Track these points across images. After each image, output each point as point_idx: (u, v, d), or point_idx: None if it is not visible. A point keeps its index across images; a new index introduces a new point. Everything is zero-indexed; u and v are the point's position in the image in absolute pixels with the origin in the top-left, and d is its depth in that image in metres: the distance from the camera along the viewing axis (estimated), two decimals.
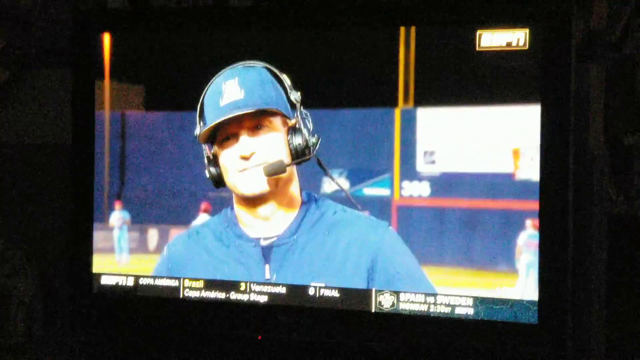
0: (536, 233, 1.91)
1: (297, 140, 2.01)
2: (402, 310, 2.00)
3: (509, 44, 1.94)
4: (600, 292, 2.13)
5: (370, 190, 2.04)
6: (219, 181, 2.06)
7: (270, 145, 2.00)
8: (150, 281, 2.20)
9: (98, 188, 2.25)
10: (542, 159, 1.91)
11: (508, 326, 1.93)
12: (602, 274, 2.13)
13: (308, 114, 2.03)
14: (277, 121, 2.01)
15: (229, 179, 2.04)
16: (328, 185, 2.06)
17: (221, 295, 2.13)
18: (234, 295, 2.12)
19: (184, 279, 2.16)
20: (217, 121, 1.99)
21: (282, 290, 2.08)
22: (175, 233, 2.21)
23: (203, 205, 2.17)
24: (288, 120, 2.02)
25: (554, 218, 1.91)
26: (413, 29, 2.00)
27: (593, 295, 2.11)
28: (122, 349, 2.35)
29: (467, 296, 1.96)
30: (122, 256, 2.25)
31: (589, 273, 2.11)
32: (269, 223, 2.04)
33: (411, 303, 2.00)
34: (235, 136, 2.01)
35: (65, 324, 2.53)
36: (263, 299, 2.10)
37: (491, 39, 1.95)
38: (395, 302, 2.01)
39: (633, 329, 2.15)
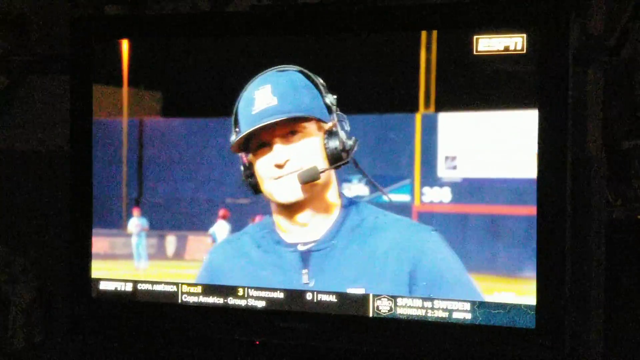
0: None
1: (334, 144, 1.98)
2: (400, 315, 2.00)
3: (506, 48, 1.94)
4: (598, 296, 2.12)
5: (391, 196, 2.03)
6: (256, 188, 2.04)
7: (305, 151, 1.98)
8: (148, 286, 2.20)
9: (116, 195, 2.25)
10: (539, 162, 1.91)
11: (506, 331, 1.93)
12: (600, 278, 2.13)
13: (345, 116, 2.00)
14: (311, 126, 1.98)
15: (265, 187, 2.02)
16: (355, 188, 2.05)
17: (219, 300, 2.13)
18: (231, 301, 2.12)
19: (181, 284, 2.16)
20: (248, 130, 1.97)
21: (280, 295, 2.08)
22: (194, 239, 2.22)
23: (221, 212, 2.16)
24: (324, 125, 1.99)
25: (551, 222, 1.90)
26: (435, 33, 1.98)
27: (591, 300, 2.11)
28: (121, 354, 2.35)
29: (464, 301, 1.96)
30: (140, 262, 2.26)
31: (587, 277, 2.10)
32: (307, 228, 2.02)
33: (409, 308, 1.99)
34: (268, 144, 1.99)
35: (64, 330, 2.53)
36: (261, 304, 2.10)
37: (488, 43, 1.95)
38: (392, 307, 2.01)
39: (631, 333, 2.15)
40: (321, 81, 2.00)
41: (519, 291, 1.93)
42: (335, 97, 2.00)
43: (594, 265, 2.11)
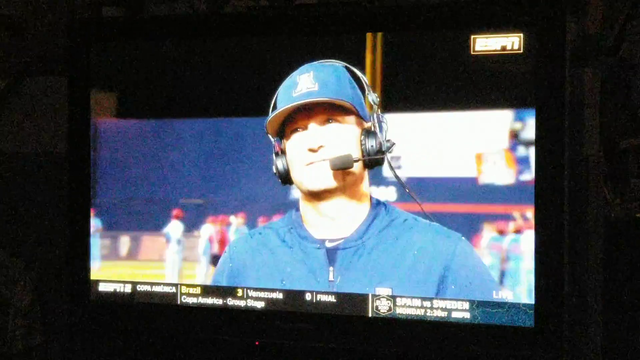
0: (498, 236, 1.94)
1: (371, 143, 1.96)
2: (399, 314, 2.01)
3: (503, 48, 1.94)
4: (596, 295, 2.13)
5: None
6: (285, 177, 2.02)
7: (340, 140, 1.96)
8: (147, 288, 2.20)
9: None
10: (537, 162, 1.91)
11: (505, 330, 1.94)
12: (599, 277, 2.13)
13: (385, 117, 1.99)
14: (350, 119, 1.97)
15: (295, 174, 2.00)
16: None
17: (218, 301, 2.13)
18: (230, 302, 2.12)
19: (181, 285, 2.16)
20: (284, 107, 1.96)
21: (279, 295, 2.08)
22: (147, 240, 2.22)
23: (174, 212, 2.19)
24: (364, 122, 1.98)
25: (549, 222, 1.91)
26: (380, 35, 2.01)
27: (589, 299, 2.11)
28: (120, 356, 2.35)
29: (463, 300, 1.96)
30: (94, 263, 2.26)
31: (586, 276, 2.11)
32: (334, 223, 2.01)
33: (408, 307, 2.00)
34: (304, 128, 1.98)
35: (63, 332, 2.53)
36: (260, 304, 2.10)
37: (485, 43, 1.95)
38: (392, 306, 2.01)
39: (629, 332, 2.15)
40: (365, 79, 1.99)
41: None
42: (377, 96, 1.99)
43: (592, 264, 2.12)
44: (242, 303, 2.11)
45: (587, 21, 2.20)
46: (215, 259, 2.16)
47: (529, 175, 1.93)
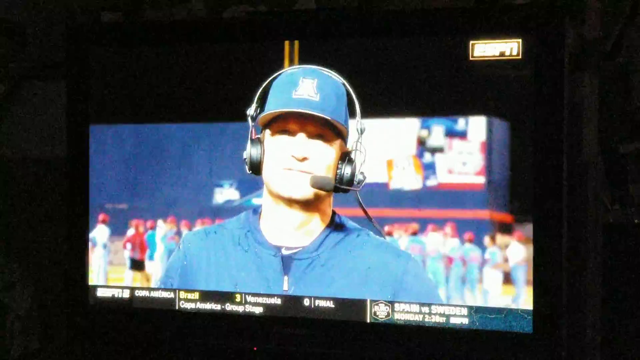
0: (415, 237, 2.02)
1: (347, 170, 1.96)
2: (397, 320, 2.00)
3: (502, 54, 1.95)
4: (595, 300, 2.13)
5: (258, 200, 2.08)
6: (256, 167, 1.99)
7: (323, 159, 1.96)
8: (146, 293, 2.20)
9: None
10: (536, 167, 1.91)
11: (503, 335, 1.94)
12: (597, 283, 2.13)
13: (366, 149, 1.98)
14: (337, 141, 1.97)
15: (268, 172, 1.98)
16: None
17: (217, 306, 2.13)
18: (229, 307, 2.12)
19: (179, 290, 2.16)
20: (286, 109, 1.93)
21: (278, 301, 2.08)
22: None
23: (101, 217, 2.22)
24: (345, 146, 1.98)
25: (548, 227, 1.91)
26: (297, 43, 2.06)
27: (588, 304, 2.11)
28: None
29: (461, 306, 1.96)
30: None
31: (584, 282, 2.11)
32: (294, 232, 2.00)
33: (406, 313, 2.00)
34: (293, 134, 1.95)
35: (61, 337, 2.53)
36: (258, 310, 2.10)
37: (484, 49, 1.96)
38: (390, 312, 2.01)
39: (628, 338, 2.15)
40: (357, 104, 1.97)
41: None
42: (365, 125, 1.97)
43: (590, 270, 2.12)
44: (240, 308, 2.11)
45: (586, 27, 2.20)
46: (135, 263, 2.21)
47: (435, 181, 2.00)
